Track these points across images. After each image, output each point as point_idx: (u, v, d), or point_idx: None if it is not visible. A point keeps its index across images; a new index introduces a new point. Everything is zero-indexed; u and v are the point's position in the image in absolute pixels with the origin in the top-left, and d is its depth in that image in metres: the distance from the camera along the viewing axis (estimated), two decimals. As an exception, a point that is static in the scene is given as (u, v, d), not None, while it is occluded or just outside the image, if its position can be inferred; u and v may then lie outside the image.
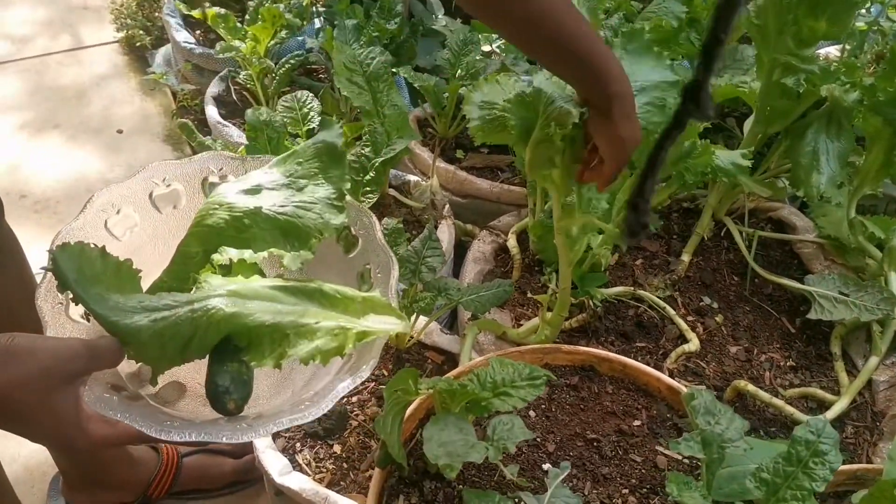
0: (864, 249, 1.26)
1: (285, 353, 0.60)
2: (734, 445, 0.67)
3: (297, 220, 0.67)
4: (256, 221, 0.67)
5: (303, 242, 0.67)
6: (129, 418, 0.59)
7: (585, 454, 0.82)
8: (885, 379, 1.17)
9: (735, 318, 1.28)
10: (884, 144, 1.18)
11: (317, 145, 0.72)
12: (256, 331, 0.60)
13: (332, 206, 0.69)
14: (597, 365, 0.91)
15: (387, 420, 0.74)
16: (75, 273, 0.61)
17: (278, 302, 0.62)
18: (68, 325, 0.67)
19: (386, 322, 0.65)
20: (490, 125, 0.91)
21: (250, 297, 0.62)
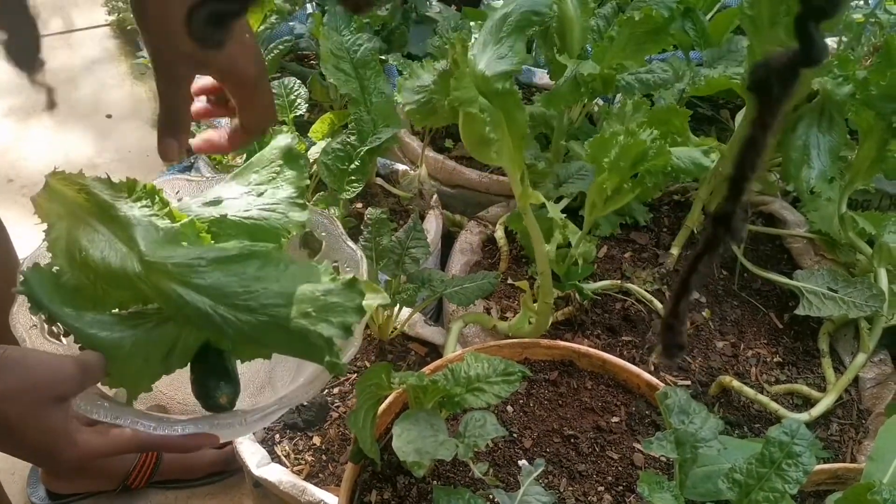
0: (855, 245, 1.24)
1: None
2: (708, 445, 0.66)
3: (263, 223, 0.68)
4: (223, 229, 0.67)
5: (272, 243, 0.67)
6: (125, 421, 0.60)
7: (562, 450, 0.81)
8: (872, 376, 1.16)
9: (723, 312, 1.27)
10: (876, 139, 1.16)
11: (271, 151, 0.73)
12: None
13: (294, 204, 0.69)
14: (576, 360, 0.90)
15: (359, 415, 0.73)
16: (48, 293, 0.61)
17: None
18: (46, 346, 0.67)
19: (367, 298, 0.64)
20: (424, 108, 0.92)
21: None
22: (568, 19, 1.22)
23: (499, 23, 0.95)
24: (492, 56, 0.93)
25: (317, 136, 1.37)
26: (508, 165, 0.96)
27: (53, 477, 1.20)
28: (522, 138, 0.95)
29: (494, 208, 1.41)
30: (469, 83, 0.85)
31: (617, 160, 1.02)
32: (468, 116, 0.85)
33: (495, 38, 0.94)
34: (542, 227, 1.14)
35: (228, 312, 0.59)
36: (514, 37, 0.94)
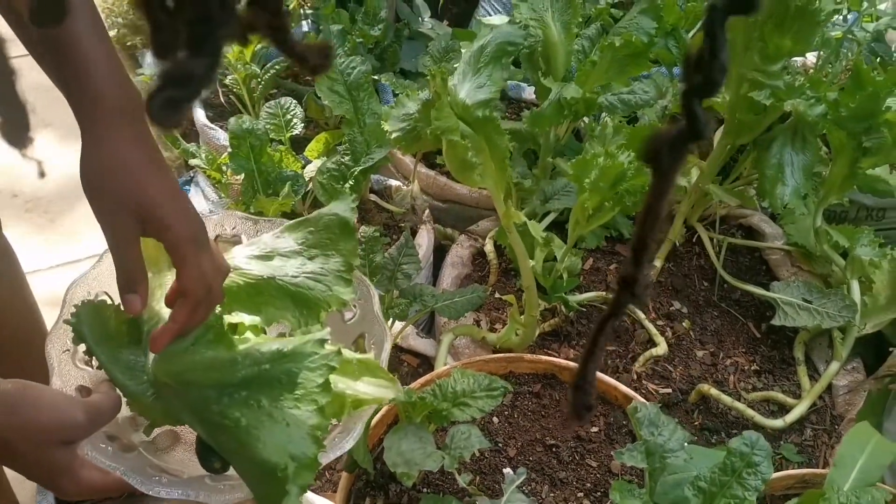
0: (830, 258, 1.30)
1: None
2: (675, 455, 0.71)
3: (308, 292, 0.69)
4: (269, 290, 0.69)
5: (312, 313, 0.69)
6: (120, 471, 0.63)
7: (544, 459, 0.87)
8: (845, 384, 1.21)
9: (703, 322, 1.33)
10: (848, 157, 1.22)
11: (329, 217, 0.74)
12: None
13: (341, 278, 0.70)
14: (558, 373, 0.95)
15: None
16: (93, 331, 0.65)
17: None
18: (73, 372, 0.71)
19: (379, 387, 0.68)
20: (409, 135, 0.98)
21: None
22: (552, 44, 1.27)
23: (477, 53, 1.00)
24: (471, 86, 0.98)
25: (312, 154, 1.43)
26: (492, 187, 1.02)
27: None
28: (504, 161, 1.00)
29: (484, 222, 1.47)
30: (449, 113, 0.90)
31: (597, 181, 1.07)
32: (450, 143, 0.91)
33: (474, 69, 0.99)
34: (528, 242, 1.20)
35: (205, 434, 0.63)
36: (491, 66, 0.99)
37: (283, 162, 1.35)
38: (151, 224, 0.63)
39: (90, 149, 0.63)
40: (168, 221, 0.62)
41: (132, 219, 0.62)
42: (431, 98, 0.96)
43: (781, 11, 1.12)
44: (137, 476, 0.64)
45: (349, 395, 0.67)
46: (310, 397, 0.57)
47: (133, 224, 0.62)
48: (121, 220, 0.62)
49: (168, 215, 0.62)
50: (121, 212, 0.62)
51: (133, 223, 0.62)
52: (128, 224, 0.62)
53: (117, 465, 0.64)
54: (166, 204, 0.63)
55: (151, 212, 0.62)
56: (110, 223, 0.62)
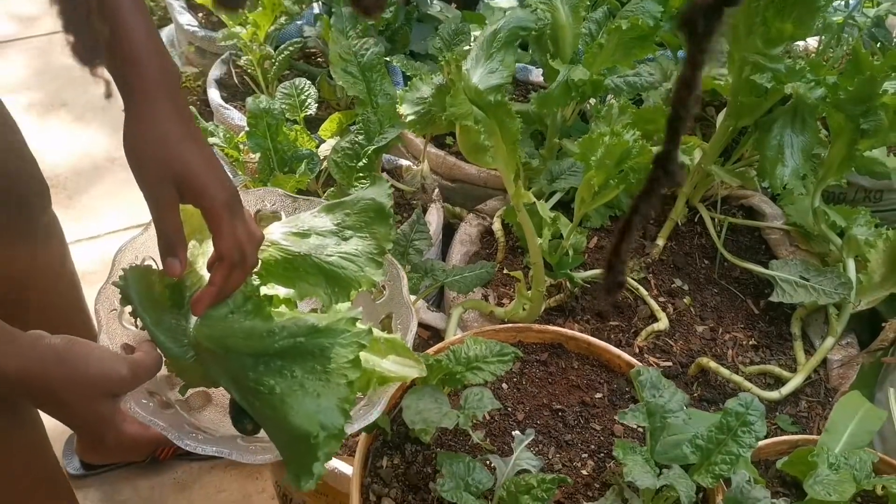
0: (827, 237, 1.34)
1: None
2: (675, 416, 0.76)
3: (340, 271, 0.72)
4: (304, 266, 0.72)
5: (343, 291, 0.72)
6: (159, 426, 0.67)
7: (551, 423, 0.91)
8: (839, 358, 1.26)
9: (703, 299, 1.37)
10: (846, 139, 1.26)
11: (366, 201, 0.77)
12: None
13: (373, 260, 0.73)
14: (564, 343, 1.00)
15: (371, 390, 0.83)
16: (140, 294, 0.69)
17: None
18: (119, 331, 0.75)
19: (405, 366, 0.72)
20: (423, 118, 1.03)
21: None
22: (560, 26, 1.31)
23: (490, 38, 1.04)
24: (484, 71, 1.02)
25: (326, 134, 1.47)
26: (503, 168, 1.06)
27: (86, 449, 1.30)
28: (515, 143, 1.04)
29: (492, 201, 1.51)
30: (463, 99, 0.94)
31: (603, 158, 1.11)
32: (464, 128, 0.95)
33: (487, 53, 1.03)
34: (536, 220, 1.24)
35: (239, 398, 0.65)
36: (503, 51, 1.03)
37: (298, 141, 1.39)
38: (189, 191, 0.66)
39: (132, 123, 0.68)
40: (204, 189, 0.66)
41: (171, 186, 0.66)
42: (445, 83, 1.00)
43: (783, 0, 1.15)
44: (175, 431, 0.69)
45: (376, 372, 0.70)
46: (340, 371, 0.60)
47: (172, 192, 0.66)
48: (161, 188, 0.66)
49: (204, 183, 0.66)
50: (161, 180, 0.66)
51: (172, 191, 0.66)
52: (167, 191, 0.66)
53: (157, 419, 0.69)
54: (202, 173, 0.67)
55: (189, 180, 0.66)
56: (152, 191, 0.66)
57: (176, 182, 0.66)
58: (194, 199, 0.67)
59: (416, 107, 1.05)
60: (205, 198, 0.67)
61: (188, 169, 0.66)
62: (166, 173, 0.66)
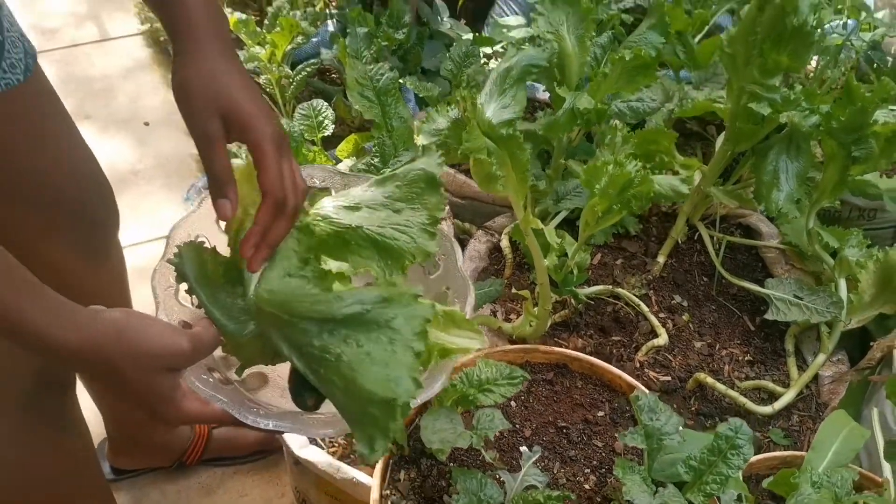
0: (820, 257, 1.40)
1: None
2: (671, 437, 0.83)
3: (392, 242, 0.70)
4: (356, 238, 0.71)
5: (396, 263, 0.70)
6: (221, 401, 0.66)
7: (556, 439, 0.99)
8: (830, 374, 1.33)
9: (702, 315, 1.44)
10: (839, 164, 1.32)
11: (416, 171, 0.75)
12: None
13: (426, 231, 0.71)
14: (569, 363, 1.07)
15: (391, 410, 0.90)
16: (194, 271, 0.69)
17: None
18: (176, 308, 0.75)
19: (465, 338, 0.71)
20: (440, 149, 1.09)
21: None
22: (567, 55, 1.37)
23: (503, 74, 1.11)
24: (497, 105, 1.09)
25: (343, 154, 1.53)
26: (513, 196, 1.13)
27: (117, 454, 1.38)
28: (524, 173, 1.11)
29: (500, 218, 1.58)
30: (478, 135, 1.01)
31: (606, 187, 1.18)
32: (477, 160, 1.01)
33: (500, 89, 1.10)
34: (542, 241, 1.31)
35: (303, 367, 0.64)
36: (515, 87, 1.10)
37: (316, 161, 1.46)
38: (236, 124, 0.68)
39: (181, 61, 0.70)
40: (250, 121, 0.67)
41: (219, 121, 0.67)
42: (460, 117, 1.06)
43: (779, 30, 1.21)
44: (236, 406, 0.68)
45: (436, 345, 0.69)
46: (406, 343, 0.60)
47: (219, 125, 0.67)
48: (210, 123, 0.67)
49: (250, 116, 0.68)
50: (210, 115, 0.67)
51: (219, 124, 0.67)
52: (215, 127, 0.67)
53: (218, 394, 0.68)
54: (249, 106, 0.68)
55: (236, 112, 0.67)
56: (199, 125, 0.67)
57: (223, 115, 0.67)
58: (241, 131, 0.68)
59: (432, 137, 1.12)
60: (251, 130, 0.68)
61: (235, 102, 0.68)
62: (214, 107, 0.67)
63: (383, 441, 0.59)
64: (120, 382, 0.63)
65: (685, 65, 1.71)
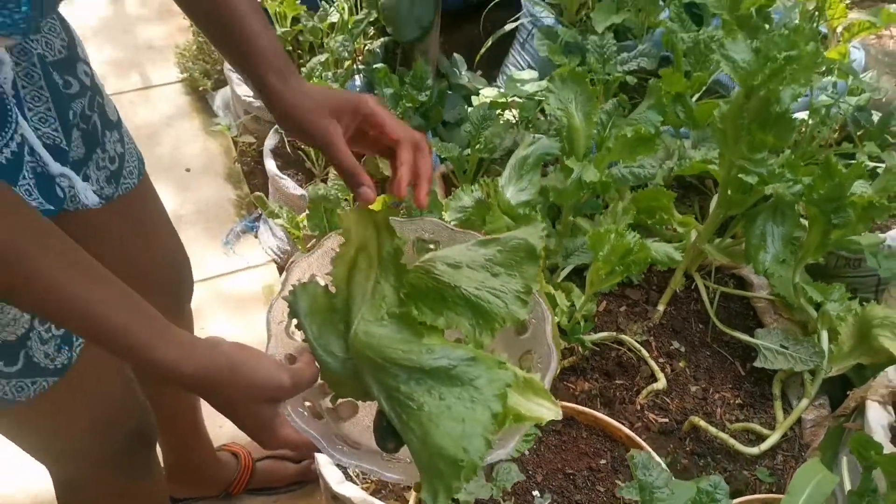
0: (805, 309, 1.55)
1: None
2: (661, 490, 0.98)
3: (486, 305, 0.73)
4: (453, 296, 0.74)
5: (487, 325, 0.73)
6: (312, 436, 0.72)
7: (564, 485, 1.14)
8: (812, 418, 1.47)
9: (697, 360, 1.59)
10: (820, 228, 1.46)
11: (518, 241, 0.79)
12: None
13: (519, 299, 0.74)
14: (576, 416, 1.22)
15: (422, 461, 1.06)
16: (305, 309, 0.75)
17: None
18: (286, 340, 0.82)
19: (541, 407, 0.73)
20: (464, 224, 1.25)
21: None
22: (575, 129, 1.52)
23: (521, 161, 1.27)
24: (515, 189, 1.25)
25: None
26: (527, 263, 1.29)
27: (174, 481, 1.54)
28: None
29: (515, 268, 1.73)
30: (500, 216, 1.17)
31: (609, 254, 1.33)
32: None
33: (518, 174, 1.26)
34: (552, 297, 1.46)
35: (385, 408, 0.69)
36: (531, 173, 1.26)
37: (348, 220, 1.62)
38: (346, 112, 0.78)
39: (276, 97, 0.81)
40: (355, 100, 0.78)
41: (333, 120, 0.78)
42: (483, 198, 1.22)
43: (764, 116, 1.36)
44: (324, 441, 0.73)
45: (512, 409, 0.71)
46: (486, 403, 0.64)
47: (335, 124, 0.78)
48: (328, 125, 0.78)
49: (351, 98, 0.79)
50: (324, 119, 0.78)
51: (335, 124, 0.78)
52: (332, 125, 0.78)
53: (310, 429, 0.73)
54: (345, 93, 0.81)
55: (343, 101, 0.78)
56: (320, 132, 0.78)
57: (335, 112, 0.77)
58: (354, 110, 0.78)
59: (458, 213, 1.27)
60: (363, 103, 0.77)
61: (338, 95, 0.80)
62: (326, 112, 0.78)
63: (445, 496, 0.62)
64: (226, 408, 0.72)
65: (685, 123, 1.86)
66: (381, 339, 0.71)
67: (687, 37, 1.91)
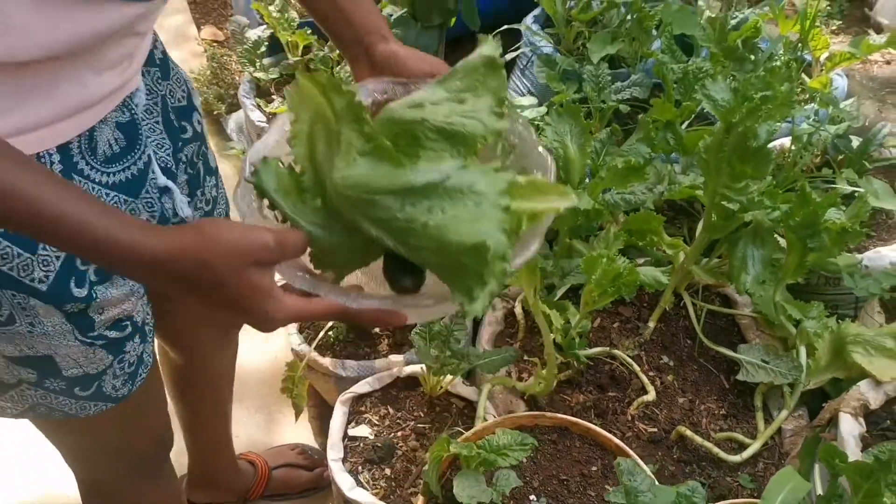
0: (785, 327, 1.66)
1: None
2: (644, 494, 1.09)
3: (462, 128, 0.70)
4: (424, 132, 0.70)
5: (469, 149, 0.69)
6: (324, 292, 0.66)
7: (558, 490, 1.25)
8: (791, 428, 1.58)
9: (685, 374, 1.69)
10: (798, 252, 1.57)
11: (474, 60, 0.74)
12: None
13: (494, 113, 0.71)
14: (570, 426, 1.33)
15: (431, 468, 1.17)
16: (273, 185, 0.69)
17: None
18: (261, 222, 0.74)
19: (553, 200, 0.70)
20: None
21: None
22: (570, 160, 1.64)
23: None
24: None
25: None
26: (525, 286, 1.40)
27: (193, 488, 1.65)
28: (535, 269, 1.38)
29: (514, 288, 1.84)
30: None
31: (601, 278, 1.44)
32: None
33: (516, 204, 1.37)
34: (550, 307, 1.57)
35: (393, 243, 0.65)
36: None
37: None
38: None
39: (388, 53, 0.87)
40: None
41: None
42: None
43: (742, 150, 1.48)
44: (338, 295, 0.67)
45: (525, 211, 0.69)
46: (493, 202, 0.60)
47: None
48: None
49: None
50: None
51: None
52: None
53: (317, 289, 0.67)
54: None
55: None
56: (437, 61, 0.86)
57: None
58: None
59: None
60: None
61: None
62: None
63: (481, 289, 0.59)
64: (214, 283, 0.63)
65: (675, 150, 1.98)
66: (360, 178, 0.66)
67: (677, 67, 2.02)
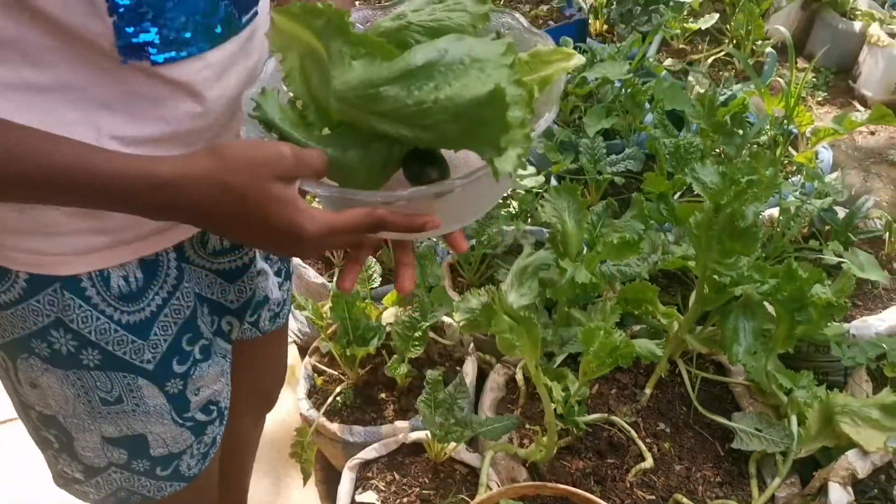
0: (776, 395, 1.72)
1: None
2: (641, 566, 1.15)
3: (448, 22, 0.69)
4: (412, 35, 0.69)
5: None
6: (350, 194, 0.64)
7: (559, 558, 1.30)
8: (784, 495, 1.63)
9: (681, 440, 1.75)
10: (786, 324, 1.65)
11: None
12: None
13: (475, 1, 0.70)
14: (570, 497, 1.39)
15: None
16: (278, 115, 0.67)
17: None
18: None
19: (560, 61, 0.69)
20: (472, 323, 1.43)
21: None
22: (568, 233, 1.73)
23: (521, 270, 1.47)
24: (517, 294, 1.44)
25: (388, 302, 1.89)
26: (527, 358, 1.47)
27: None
28: (536, 343, 1.45)
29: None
30: (503, 320, 1.35)
31: (598, 350, 1.52)
32: (501, 337, 1.35)
33: (519, 281, 1.45)
34: (550, 376, 1.64)
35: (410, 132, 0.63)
36: (530, 280, 1.45)
37: (366, 310, 1.81)
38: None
39: None
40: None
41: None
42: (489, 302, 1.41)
43: (732, 228, 1.56)
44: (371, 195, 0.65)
45: (534, 79, 0.67)
46: (497, 63, 0.59)
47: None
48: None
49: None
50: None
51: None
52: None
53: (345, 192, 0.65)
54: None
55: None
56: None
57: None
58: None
59: (466, 314, 1.46)
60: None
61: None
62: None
63: (505, 135, 0.58)
64: (239, 202, 0.59)
65: (668, 220, 2.07)
66: (360, 77, 0.64)
67: (668, 142, 2.13)
